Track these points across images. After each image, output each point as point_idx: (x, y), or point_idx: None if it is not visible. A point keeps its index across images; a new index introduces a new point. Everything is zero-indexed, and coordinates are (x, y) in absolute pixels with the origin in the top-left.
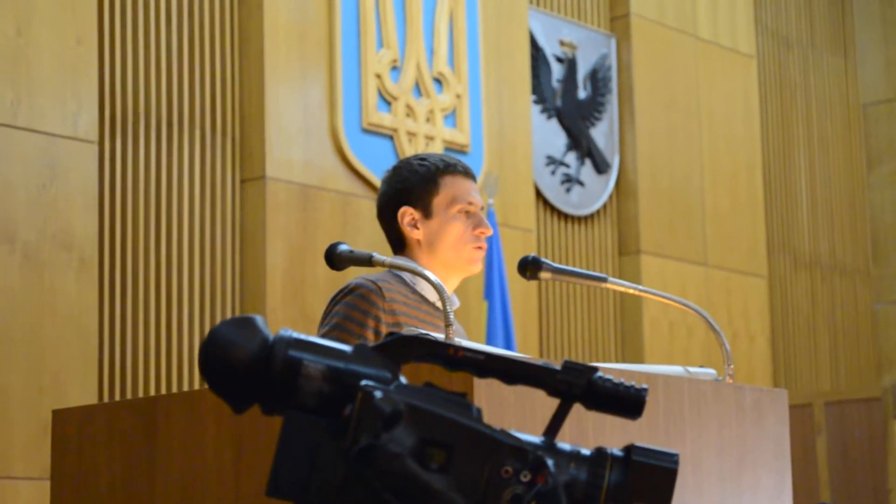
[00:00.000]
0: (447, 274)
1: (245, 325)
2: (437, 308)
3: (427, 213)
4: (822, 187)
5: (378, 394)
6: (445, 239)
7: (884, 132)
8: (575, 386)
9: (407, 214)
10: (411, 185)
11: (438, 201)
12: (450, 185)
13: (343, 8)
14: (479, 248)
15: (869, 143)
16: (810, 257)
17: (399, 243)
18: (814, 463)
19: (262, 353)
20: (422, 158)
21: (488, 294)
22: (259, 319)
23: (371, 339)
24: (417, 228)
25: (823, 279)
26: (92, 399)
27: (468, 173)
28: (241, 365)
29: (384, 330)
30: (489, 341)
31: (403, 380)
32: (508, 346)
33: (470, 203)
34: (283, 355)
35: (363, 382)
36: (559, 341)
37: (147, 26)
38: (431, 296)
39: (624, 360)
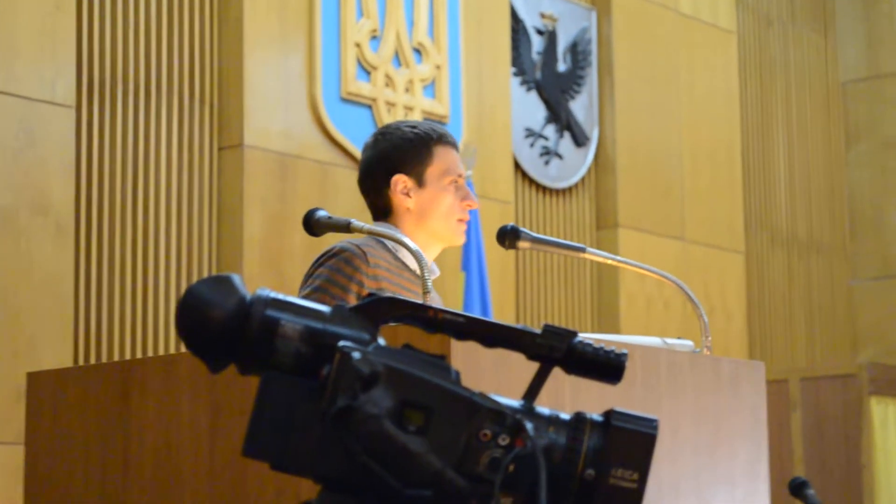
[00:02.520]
0: (431, 243)
1: (222, 283)
2: (418, 276)
3: (420, 182)
4: (800, 164)
5: (356, 355)
6: (436, 209)
7: (862, 110)
8: (555, 350)
9: (400, 182)
10: (405, 153)
11: (432, 171)
12: (442, 156)
13: None
14: (463, 220)
15: (848, 120)
16: (787, 234)
17: (384, 210)
18: (788, 438)
19: (239, 313)
20: (412, 125)
21: (466, 266)
22: (236, 278)
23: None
24: (410, 197)
25: (800, 256)
26: (67, 364)
27: (456, 145)
28: (218, 324)
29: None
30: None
31: (382, 341)
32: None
33: (460, 175)
34: (261, 315)
35: (341, 343)
36: (536, 314)
37: None
38: (412, 263)
39: (600, 334)
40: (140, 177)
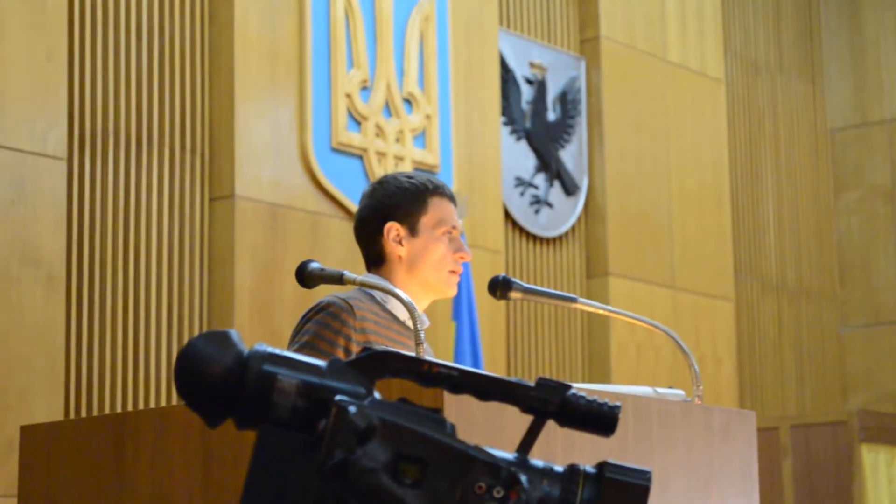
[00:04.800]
0: (423, 293)
1: (220, 339)
2: (408, 327)
3: (413, 230)
4: (789, 211)
5: (352, 409)
6: (428, 259)
7: (851, 158)
8: (549, 403)
9: (393, 230)
10: (399, 201)
11: (426, 221)
12: (437, 206)
13: (314, 27)
14: (455, 272)
15: (836, 168)
16: (777, 281)
17: (377, 259)
18: (779, 486)
19: (237, 368)
20: (409, 176)
21: (456, 315)
22: (234, 334)
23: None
24: (402, 245)
25: (790, 303)
26: (58, 416)
27: (453, 197)
28: (216, 379)
29: (354, 349)
30: (457, 362)
31: (377, 395)
32: (476, 368)
33: (454, 227)
34: (258, 370)
35: (337, 397)
36: (527, 363)
37: (117, 44)
38: (402, 314)
39: (591, 382)
40: (131, 228)
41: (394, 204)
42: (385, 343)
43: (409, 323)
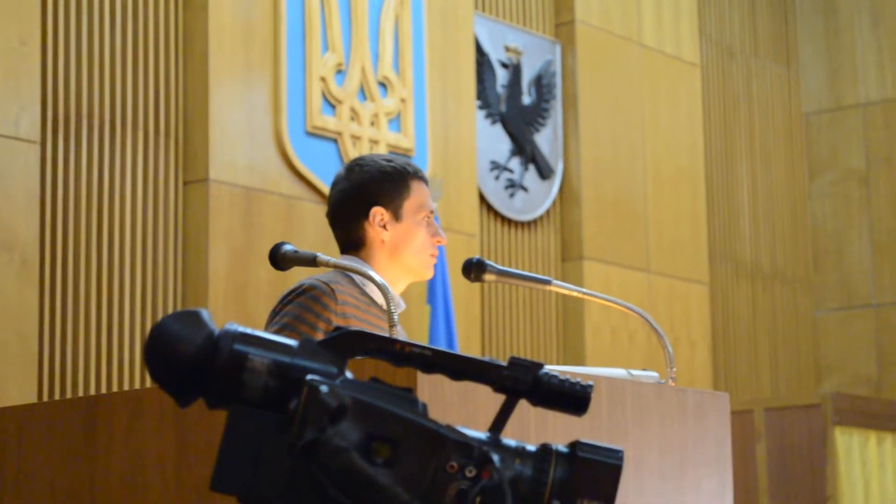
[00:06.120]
0: (401, 277)
1: (191, 318)
2: (385, 311)
3: (397, 215)
4: (763, 195)
5: (324, 388)
6: (411, 244)
7: (825, 142)
8: (521, 382)
9: (378, 214)
10: (383, 185)
11: (409, 205)
12: (418, 191)
13: (288, 11)
14: (434, 255)
15: (811, 152)
16: (752, 265)
17: (356, 242)
18: (753, 469)
19: (207, 347)
20: (387, 159)
21: (431, 298)
22: (205, 313)
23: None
24: (386, 230)
25: (764, 287)
26: (31, 399)
27: (427, 181)
28: (186, 358)
29: None
30: (432, 345)
31: (349, 375)
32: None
33: (431, 211)
34: (229, 349)
35: (309, 377)
36: (501, 347)
37: (91, 27)
38: (380, 298)
39: (566, 365)
40: (105, 212)
41: (377, 188)
42: (364, 327)
43: (386, 305)
